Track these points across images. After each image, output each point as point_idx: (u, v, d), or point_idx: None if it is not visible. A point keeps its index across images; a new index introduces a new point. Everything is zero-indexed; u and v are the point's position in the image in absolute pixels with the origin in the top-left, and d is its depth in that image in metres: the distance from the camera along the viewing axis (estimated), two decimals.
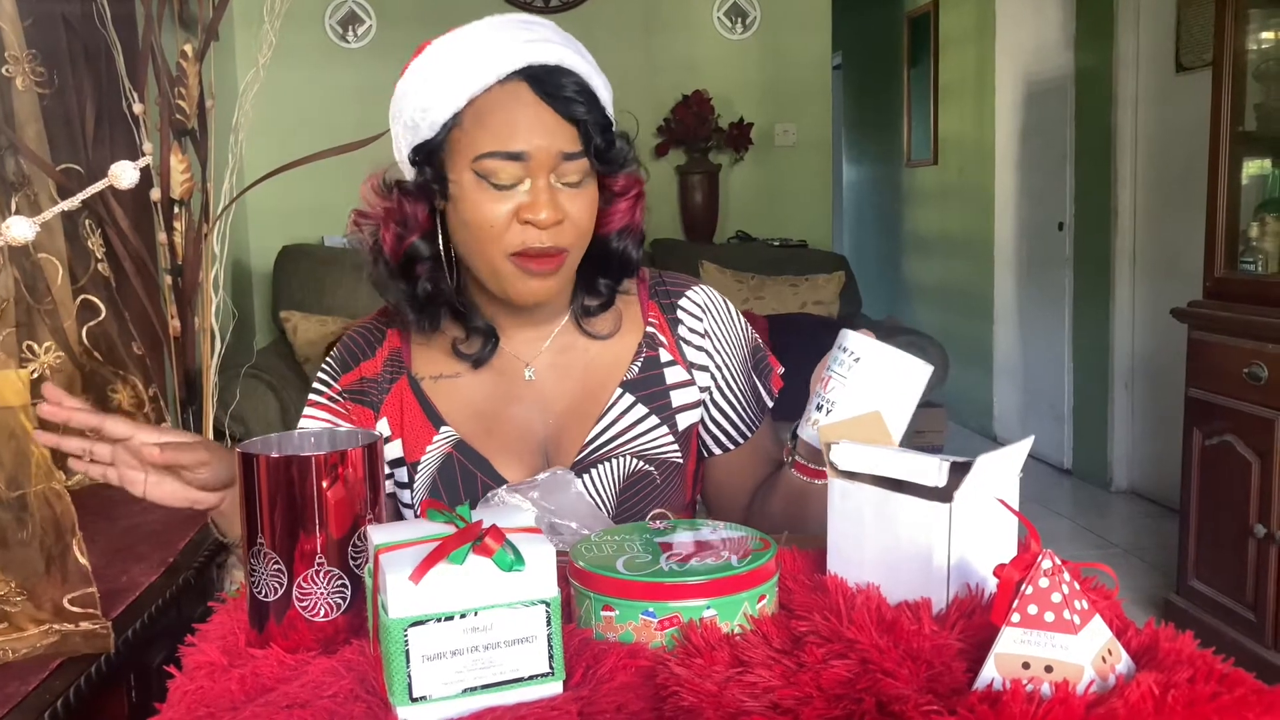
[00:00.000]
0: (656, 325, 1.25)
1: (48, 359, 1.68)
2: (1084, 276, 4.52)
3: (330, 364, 1.25)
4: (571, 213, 1.10)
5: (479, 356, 1.20)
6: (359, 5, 4.27)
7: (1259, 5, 2.77)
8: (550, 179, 1.09)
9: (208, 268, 2.17)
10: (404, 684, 0.72)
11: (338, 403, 1.22)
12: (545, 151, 1.08)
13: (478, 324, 1.20)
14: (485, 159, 1.08)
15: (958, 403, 5.48)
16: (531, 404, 1.22)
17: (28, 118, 1.69)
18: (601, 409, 1.21)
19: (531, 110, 1.08)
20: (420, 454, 1.20)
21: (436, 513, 0.81)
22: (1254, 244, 2.78)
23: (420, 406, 1.21)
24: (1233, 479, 2.66)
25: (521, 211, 1.08)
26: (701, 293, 1.28)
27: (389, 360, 1.23)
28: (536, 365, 1.23)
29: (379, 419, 1.22)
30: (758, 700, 0.70)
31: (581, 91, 1.10)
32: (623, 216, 1.18)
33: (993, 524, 0.87)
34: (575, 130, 1.09)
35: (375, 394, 1.22)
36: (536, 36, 1.10)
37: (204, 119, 2.16)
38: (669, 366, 1.24)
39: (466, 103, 1.09)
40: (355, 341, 1.26)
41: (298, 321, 3.64)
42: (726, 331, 1.27)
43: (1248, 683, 0.69)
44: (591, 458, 1.20)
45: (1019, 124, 5.02)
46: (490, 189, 1.09)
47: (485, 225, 1.09)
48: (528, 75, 1.09)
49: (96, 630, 1.16)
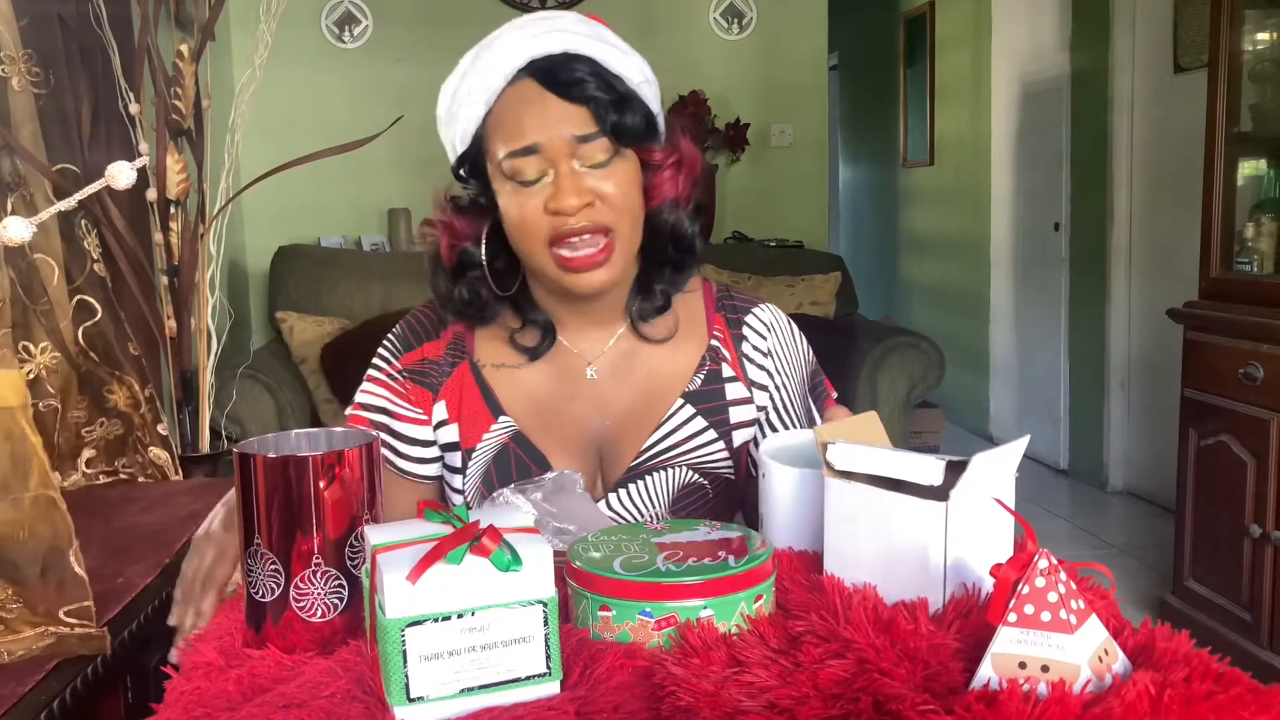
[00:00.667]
0: (721, 339, 1.26)
1: (44, 359, 1.68)
2: (1080, 277, 4.53)
3: (392, 341, 1.25)
4: (604, 190, 1.10)
5: (535, 350, 1.21)
6: (355, 5, 4.26)
7: (1255, 6, 2.77)
8: (573, 165, 1.09)
9: (204, 268, 2.17)
10: (401, 684, 0.72)
11: (396, 380, 1.23)
12: (557, 139, 1.08)
13: (536, 318, 1.20)
14: (505, 161, 1.10)
15: (954, 403, 5.48)
16: (591, 402, 1.22)
17: (23, 118, 1.68)
18: (661, 417, 1.22)
19: (536, 104, 1.09)
20: (476, 441, 1.20)
21: (434, 513, 0.81)
22: (1249, 244, 2.78)
23: (480, 393, 1.21)
24: (1228, 479, 2.66)
25: (549, 202, 1.09)
26: (768, 311, 1.29)
27: (452, 344, 1.23)
28: (599, 365, 1.23)
29: (437, 401, 1.22)
30: (755, 700, 0.70)
31: (590, 74, 1.10)
32: (667, 188, 1.17)
33: (989, 523, 0.87)
34: (588, 112, 1.09)
35: (436, 376, 1.22)
36: (543, 29, 1.11)
37: (200, 119, 2.16)
38: (730, 382, 1.24)
39: (486, 110, 1.12)
40: (420, 321, 1.26)
41: (294, 322, 3.64)
42: (788, 352, 1.28)
43: (1243, 682, 0.69)
44: (647, 464, 1.21)
45: (1015, 125, 5.03)
46: (520, 188, 1.10)
47: (520, 223, 1.11)
48: (533, 70, 1.10)
49: (93, 632, 1.16)
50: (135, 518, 1.64)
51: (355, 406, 1.24)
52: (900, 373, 3.58)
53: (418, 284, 3.89)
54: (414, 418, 1.22)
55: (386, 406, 1.22)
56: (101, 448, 1.81)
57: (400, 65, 4.29)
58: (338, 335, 3.60)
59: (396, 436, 1.22)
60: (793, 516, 1.03)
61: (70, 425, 1.76)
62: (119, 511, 1.66)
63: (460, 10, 4.30)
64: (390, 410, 1.22)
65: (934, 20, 5.77)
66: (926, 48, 5.85)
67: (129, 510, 1.67)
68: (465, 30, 4.90)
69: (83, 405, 1.77)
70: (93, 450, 1.81)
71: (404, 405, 1.22)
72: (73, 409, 1.76)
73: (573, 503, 1.09)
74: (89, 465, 1.81)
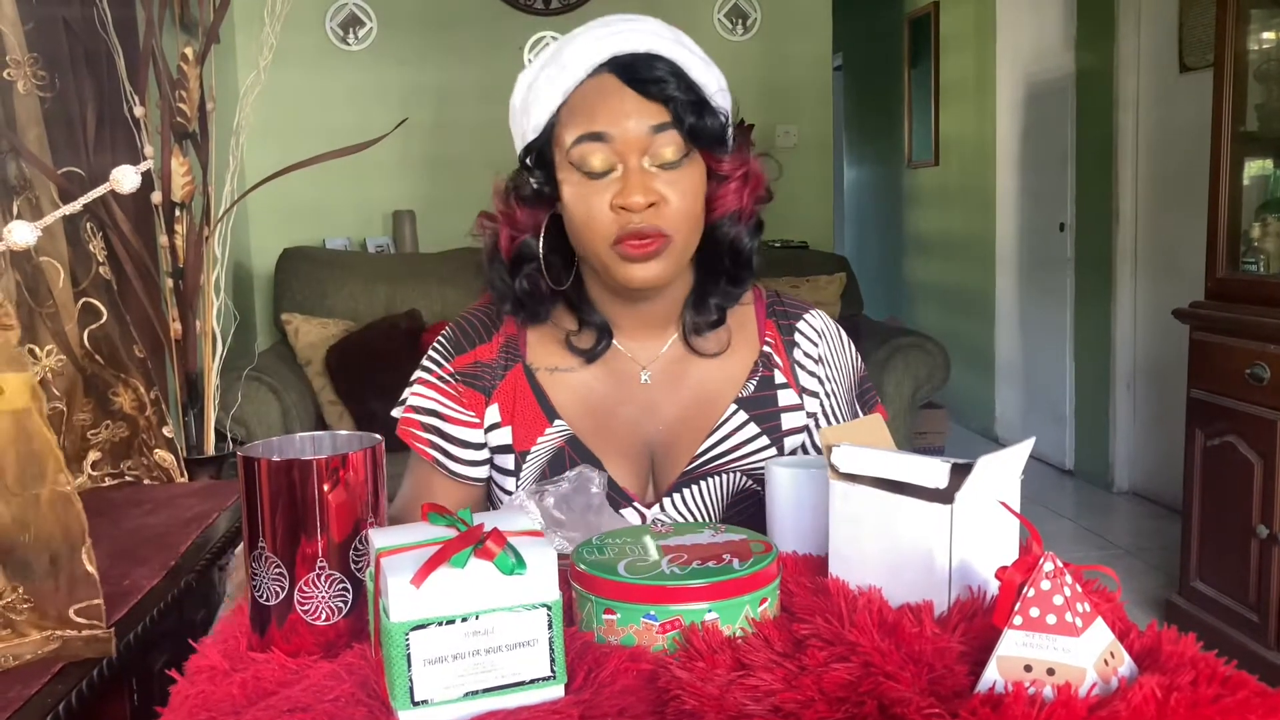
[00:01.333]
0: (773, 345, 1.25)
1: (49, 362, 1.68)
2: (1085, 277, 4.52)
3: (443, 344, 1.25)
4: (669, 195, 1.09)
5: (592, 352, 1.21)
6: (359, 8, 4.27)
7: (1260, 6, 2.77)
8: (644, 161, 1.09)
9: (209, 270, 2.17)
10: (405, 688, 0.72)
11: (448, 383, 1.22)
12: (632, 132, 1.08)
13: (592, 319, 1.20)
14: (574, 146, 1.10)
15: (959, 404, 5.48)
16: (644, 408, 1.22)
17: (29, 121, 1.68)
18: (714, 423, 1.21)
19: (616, 96, 1.09)
20: (531, 444, 1.20)
21: (438, 516, 0.81)
22: (1255, 244, 2.78)
23: (534, 396, 1.21)
24: (1235, 480, 2.66)
25: (615, 199, 1.08)
26: (819, 318, 1.29)
27: (505, 346, 1.23)
28: (652, 370, 1.22)
29: (490, 404, 1.22)
30: (760, 703, 0.70)
31: (671, 73, 1.10)
32: (731, 200, 1.16)
33: (994, 526, 0.87)
34: (665, 109, 1.09)
35: (489, 379, 1.22)
36: (626, 28, 1.12)
37: (205, 122, 2.16)
38: (782, 389, 1.24)
39: (562, 100, 1.12)
40: (471, 324, 1.25)
41: (299, 324, 3.64)
42: (838, 359, 1.28)
43: (1250, 685, 0.69)
44: (701, 469, 1.21)
45: (1020, 125, 5.02)
46: (586, 180, 1.10)
47: (585, 217, 1.10)
48: (615, 65, 1.10)
49: (98, 635, 1.16)
50: (141, 520, 1.64)
51: (407, 410, 1.24)
52: (905, 374, 3.58)
53: (422, 286, 3.90)
54: (466, 420, 1.22)
55: (437, 409, 1.22)
56: (107, 450, 1.82)
57: (404, 67, 4.29)
58: (342, 337, 3.60)
59: (447, 439, 1.22)
60: (797, 519, 1.03)
61: (76, 428, 1.76)
62: (124, 514, 1.67)
63: (464, 12, 4.31)
64: (441, 413, 1.22)
65: (938, 20, 5.77)
66: (931, 48, 5.84)
67: (134, 513, 1.67)
68: (469, 32, 4.91)
69: (88, 408, 1.78)
70: (98, 453, 1.81)
71: (456, 408, 1.22)
72: (78, 412, 1.76)
73: (587, 503, 1.09)
74: (94, 468, 1.81)
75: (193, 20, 2.57)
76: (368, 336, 3.59)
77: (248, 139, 2.21)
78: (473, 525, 0.77)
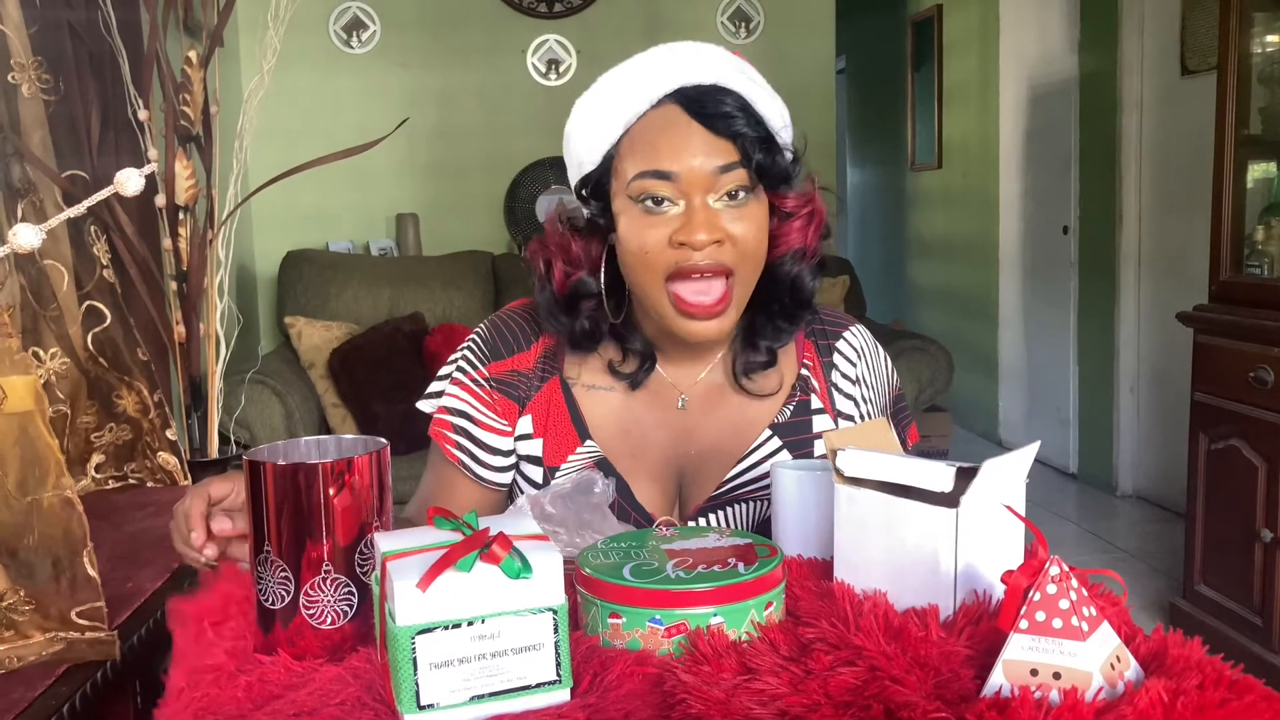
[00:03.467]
0: (811, 368, 1.23)
1: (53, 365, 1.69)
2: (1089, 280, 4.52)
3: (479, 345, 1.22)
4: (735, 232, 1.06)
5: (635, 378, 1.19)
6: (363, 11, 4.27)
7: (1263, 9, 2.77)
8: (708, 199, 1.06)
9: (212, 273, 2.17)
10: (411, 691, 0.72)
11: (482, 387, 1.20)
12: (698, 171, 1.05)
13: (635, 345, 1.18)
14: (637, 180, 1.06)
15: (963, 407, 5.47)
16: (678, 431, 1.20)
17: (33, 124, 1.69)
18: (746, 448, 1.19)
19: (683, 130, 1.06)
20: (561, 461, 1.18)
21: (444, 520, 0.81)
22: (1259, 247, 2.77)
23: (569, 412, 1.19)
24: (1239, 483, 2.65)
25: (676, 234, 1.05)
26: (858, 336, 1.26)
27: (543, 357, 1.21)
28: (690, 395, 1.20)
29: (524, 414, 1.20)
30: (765, 708, 0.70)
31: (741, 108, 1.07)
32: (795, 238, 1.13)
33: (999, 530, 0.87)
34: (733, 146, 1.06)
35: (525, 389, 1.20)
36: (692, 59, 1.08)
37: (209, 125, 2.17)
38: (818, 414, 1.21)
39: (623, 130, 1.09)
40: (510, 329, 1.22)
41: (302, 327, 3.65)
42: (875, 378, 1.25)
43: (1257, 689, 0.69)
44: (728, 495, 1.19)
45: (1023, 127, 5.02)
46: (645, 214, 1.07)
47: (641, 252, 1.07)
48: (681, 97, 1.07)
49: (101, 637, 1.16)
50: (144, 523, 1.64)
51: (440, 410, 1.22)
52: (909, 376, 3.58)
53: (425, 289, 3.90)
54: (497, 427, 1.20)
55: (469, 412, 1.20)
56: (110, 453, 1.82)
57: (408, 70, 4.30)
58: (346, 340, 3.60)
59: (476, 443, 1.20)
60: (802, 523, 1.03)
61: (79, 430, 1.77)
62: (128, 516, 1.67)
63: (467, 16, 4.31)
64: (473, 416, 1.20)
65: (941, 23, 5.77)
66: (934, 50, 5.84)
67: (138, 515, 1.68)
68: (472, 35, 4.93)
69: (92, 410, 1.78)
70: (102, 455, 1.81)
71: (488, 414, 1.20)
72: (82, 414, 1.76)
73: (588, 504, 1.09)
74: (98, 470, 1.81)
75: (197, 23, 2.57)
76: (371, 339, 3.59)
77: (251, 142, 2.21)
78: (478, 529, 0.77)
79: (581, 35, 4.36)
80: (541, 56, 4.37)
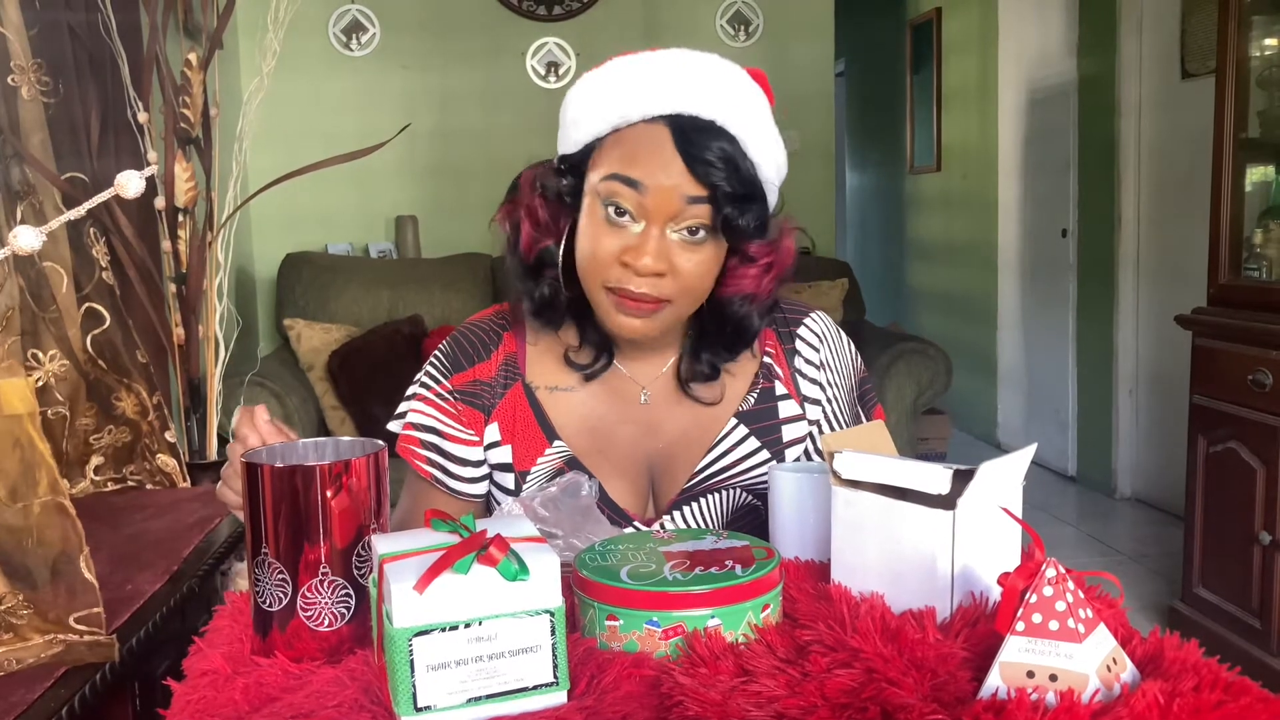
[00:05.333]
0: (773, 355, 1.24)
1: (52, 367, 1.69)
2: (1088, 283, 4.52)
3: (440, 360, 1.23)
4: (682, 267, 1.07)
5: (591, 370, 1.20)
6: (363, 14, 4.27)
7: (1262, 12, 2.77)
8: (667, 228, 1.06)
9: (212, 275, 2.17)
10: (409, 694, 0.72)
11: (446, 400, 1.21)
12: (667, 192, 1.05)
13: (592, 337, 1.19)
14: (606, 181, 1.07)
15: (961, 409, 5.47)
16: (643, 426, 1.21)
17: (33, 126, 1.69)
18: (714, 438, 1.20)
19: (665, 154, 1.06)
20: (531, 464, 1.19)
21: (440, 522, 0.81)
22: (1258, 250, 2.77)
23: (534, 415, 1.20)
24: (1238, 486, 2.65)
25: (624, 253, 1.06)
26: (819, 321, 1.26)
27: (504, 364, 1.22)
28: (652, 389, 1.22)
29: (490, 423, 1.21)
30: (762, 710, 0.70)
31: (724, 159, 1.06)
32: (749, 283, 1.13)
33: (996, 532, 0.87)
34: (704, 190, 1.06)
35: (488, 397, 1.21)
36: (699, 85, 1.07)
37: (208, 127, 2.17)
38: (783, 400, 1.23)
39: (611, 129, 1.09)
40: (470, 341, 1.24)
41: (301, 329, 3.65)
42: (839, 362, 1.26)
43: (1253, 691, 0.69)
44: (701, 486, 1.20)
45: (1022, 130, 5.02)
46: (606, 222, 1.07)
47: (592, 256, 1.08)
48: (673, 122, 1.06)
49: (101, 640, 1.16)
50: (143, 525, 1.65)
51: (406, 426, 1.23)
52: (907, 379, 3.58)
53: (424, 291, 3.90)
54: (465, 439, 1.21)
55: (437, 427, 1.21)
56: (109, 455, 1.82)
57: (408, 73, 4.30)
58: (345, 342, 3.60)
59: (447, 457, 1.21)
60: (800, 525, 1.03)
61: (78, 432, 1.77)
62: (127, 519, 1.67)
63: (467, 18, 4.32)
64: (441, 430, 1.21)
65: (940, 26, 5.77)
66: (933, 54, 5.85)
67: (137, 517, 1.68)
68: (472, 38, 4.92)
69: (91, 412, 1.78)
70: (101, 457, 1.81)
71: (455, 426, 1.21)
72: (81, 416, 1.76)
73: (577, 507, 1.09)
74: (97, 472, 1.81)
75: (196, 26, 2.58)
76: (370, 342, 3.59)
77: (251, 144, 2.21)
78: (475, 532, 0.77)
79: (581, 38, 4.36)
80: (541, 59, 4.37)
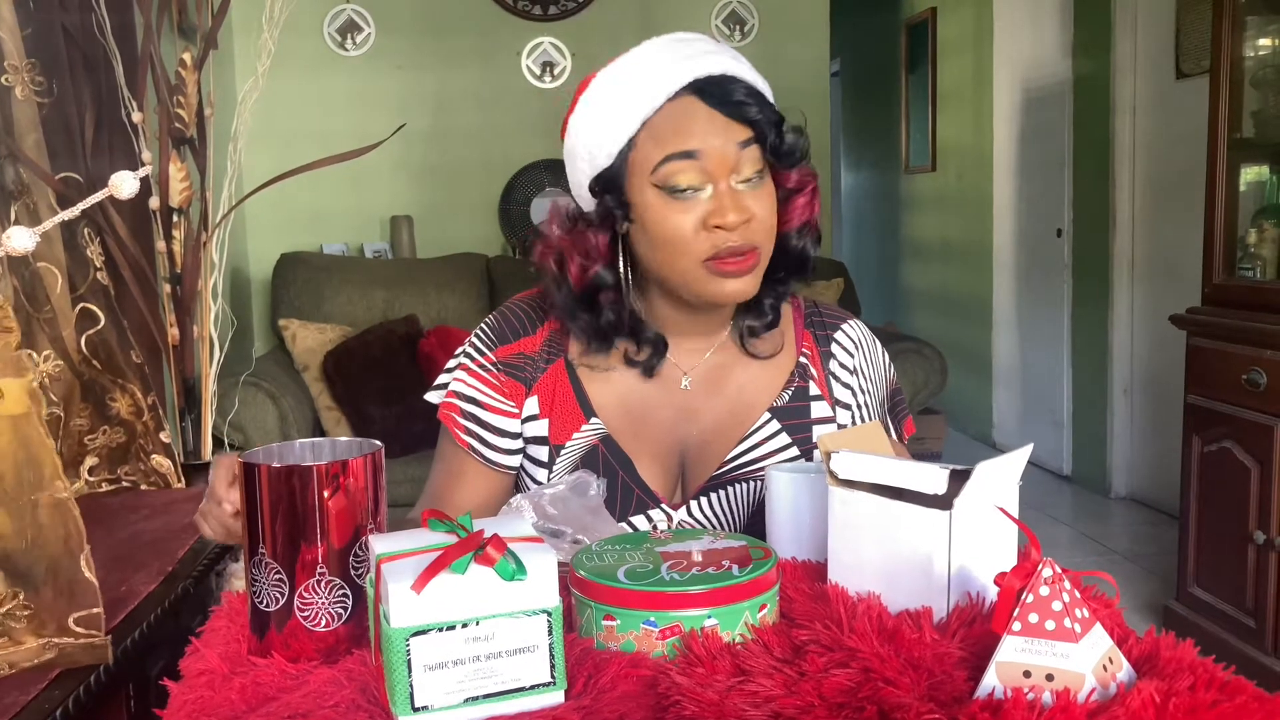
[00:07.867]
0: (809, 356, 1.27)
1: (47, 367, 1.68)
2: (1083, 283, 4.53)
3: (486, 333, 1.27)
4: (757, 211, 1.12)
5: (650, 364, 1.22)
6: (358, 14, 4.27)
7: (1256, 12, 2.77)
8: (730, 181, 1.10)
9: (206, 276, 2.17)
10: (406, 694, 0.72)
11: (489, 372, 1.24)
12: (720, 151, 1.10)
13: (649, 335, 1.21)
14: (662, 165, 1.10)
15: (956, 409, 5.48)
16: (681, 411, 1.23)
17: (27, 127, 1.69)
18: (747, 429, 1.23)
19: (703, 116, 1.10)
20: (566, 439, 1.22)
21: (438, 522, 0.81)
22: (1252, 250, 2.78)
23: (574, 391, 1.23)
24: (1232, 485, 2.66)
25: (709, 218, 1.10)
26: (855, 329, 1.31)
27: (549, 340, 1.25)
28: (693, 375, 1.24)
29: (530, 396, 1.23)
30: (759, 709, 0.70)
31: (751, 94, 1.12)
32: (802, 212, 1.19)
33: (993, 532, 0.87)
34: (748, 129, 1.11)
35: (531, 371, 1.24)
36: (697, 50, 1.13)
37: (203, 127, 2.16)
38: (816, 401, 1.25)
39: (640, 125, 1.12)
40: (518, 316, 1.27)
41: (296, 329, 3.64)
42: (872, 370, 1.30)
43: (1248, 690, 0.69)
44: (729, 475, 1.22)
45: (1017, 130, 5.03)
46: (673, 200, 1.11)
47: (674, 238, 1.11)
48: (695, 89, 1.11)
49: (95, 642, 1.16)
50: (138, 525, 1.64)
51: (449, 394, 1.25)
52: (903, 379, 3.58)
53: (420, 291, 3.90)
54: (505, 410, 1.24)
55: (478, 397, 1.24)
56: (104, 455, 1.82)
57: (402, 73, 4.30)
58: (340, 342, 3.60)
59: (485, 427, 1.24)
60: (796, 525, 1.03)
61: (73, 433, 1.76)
62: (121, 519, 1.67)
63: (462, 19, 4.31)
64: (482, 401, 1.24)
65: (936, 26, 5.78)
66: (928, 53, 5.85)
67: (131, 518, 1.67)
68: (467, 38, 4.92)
69: (85, 413, 1.78)
70: (95, 458, 1.81)
71: (496, 397, 1.24)
72: (75, 417, 1.76)
73: (586, 506, 1.10)
74: (91, 473, 1.81)
75: (191, 26, 2.57)
76: (365, 342, 3.59)
77: (246, 144, 2.20)
78: (473, 531, 0.77)
79: (576, 38, 4.36)
80: (536, 59, 4.37)
